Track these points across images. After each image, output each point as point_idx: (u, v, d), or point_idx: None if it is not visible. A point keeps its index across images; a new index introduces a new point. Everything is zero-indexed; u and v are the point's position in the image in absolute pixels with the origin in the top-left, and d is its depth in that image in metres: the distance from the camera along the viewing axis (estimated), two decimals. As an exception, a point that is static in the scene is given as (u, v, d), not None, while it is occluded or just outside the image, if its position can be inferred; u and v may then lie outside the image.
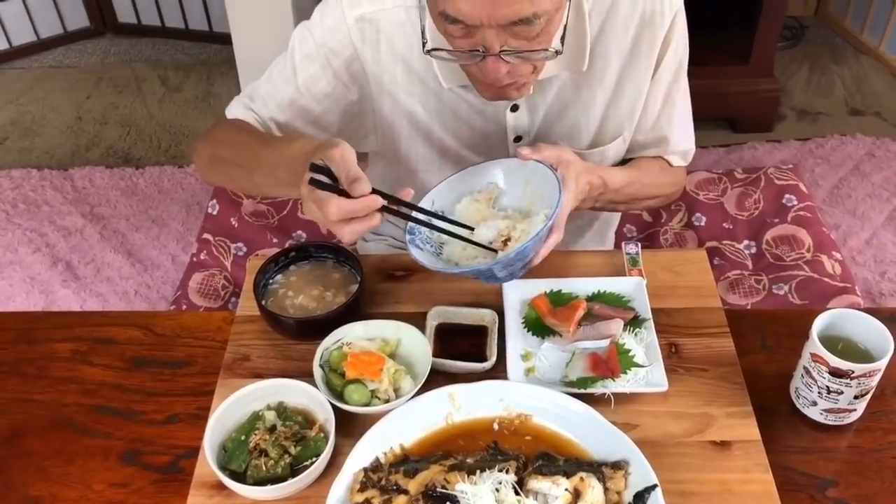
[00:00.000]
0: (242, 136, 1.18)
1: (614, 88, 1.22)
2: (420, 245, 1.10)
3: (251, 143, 1.15)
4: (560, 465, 0.94)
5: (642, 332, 1.12)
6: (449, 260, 1.11)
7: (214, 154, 1.22)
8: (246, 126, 1.20)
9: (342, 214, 0.92)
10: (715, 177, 2.28)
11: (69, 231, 2.40)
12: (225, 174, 1.23)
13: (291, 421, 1.00)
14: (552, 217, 1.03)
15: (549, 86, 1.19)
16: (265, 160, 1.09)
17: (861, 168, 2.53)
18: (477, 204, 1.14)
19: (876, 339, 1.02)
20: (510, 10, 0.93)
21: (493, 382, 1.04)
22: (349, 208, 0.92)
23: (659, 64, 1.22)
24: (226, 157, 1.19)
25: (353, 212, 0.92)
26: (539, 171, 1.10)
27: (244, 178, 1.16)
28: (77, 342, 1.21)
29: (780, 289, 1.90)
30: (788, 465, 1.02)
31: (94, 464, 1.05)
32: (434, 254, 1.11)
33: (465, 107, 1.21)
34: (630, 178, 1.26)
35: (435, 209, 1.13)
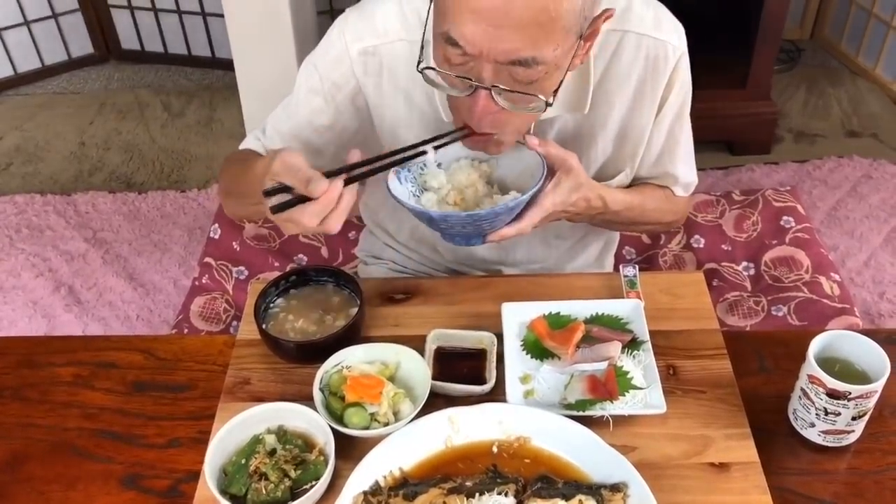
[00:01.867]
0: (235, 167, 1.22)
1: (617, 131, 1.23)
2: (401, 180, 1.13)
3: (240, 171, 1.18)
4: (559, 488, 0.94)
5: (640, 354, 1.13)
6: (422, 206, 1.12)
7: (223, 188, 1.29)
8: (243, 155, 1.23)
9: (317, 218, 0.94)
10: (713, 199, 2.29)
11: (72, 256, 2.42)
12: (236, 205, 1.28)
13: (291, 444, 1.01)
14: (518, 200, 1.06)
15: (549, 126, 1.21)
16: (245, 184, 1.11)
17: (858, 189, 2.55)
18: (471, 169, 1.16)
19: (873, 360, 1.03)
20: (511, 46, 0.93)
21: (492, 405, 1.05)
22: (320, 210, 0.94)
23: (662, 105, 1.23)
24: (229, 189, 1.25)
25: (324, 209, 0.94)
26: (534, 163, 1.12)
27: (245, 206, 1.21)
28: (79, 366, 1.22)
29: (779, 310, 1.90)
30: (787, 487, 1.02)
31: (94, 488, 1.06)
32: (412, 194, 1.14)
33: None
34: (632, 202, 1.27)
35: (434, 158, 1.14)
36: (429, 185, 1.16)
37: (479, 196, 1.16)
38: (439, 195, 1.15)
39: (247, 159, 1.20)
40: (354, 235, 2.18)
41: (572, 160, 1.13)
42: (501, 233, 1.10)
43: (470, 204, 1.15)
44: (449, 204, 1.15)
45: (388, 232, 1.50)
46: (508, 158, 1.18)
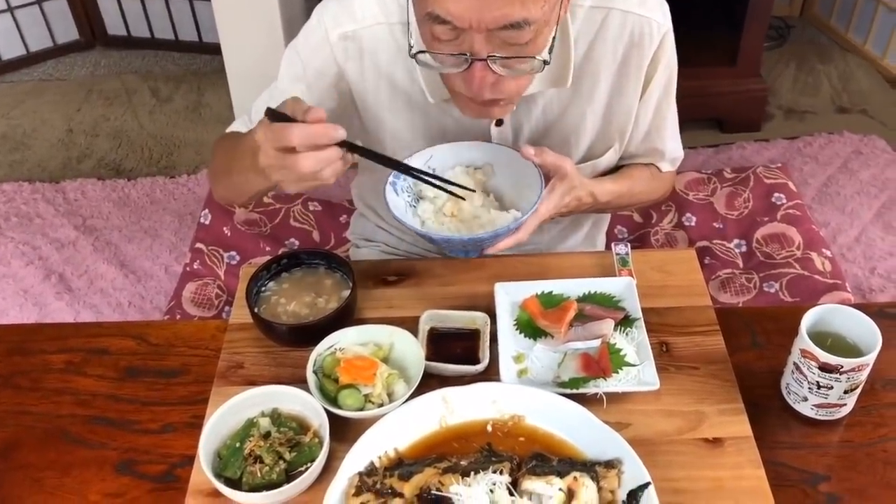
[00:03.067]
0: (226, 143, 1.20)
1: (604, 109, 1.24)
2: (398, 191, 1.15)
3: (230, 145, 1.16)
4: (553, 466, 0.94)
5: (633, 331, 1.13)
6: (419, 217, 1.15)
7: (213, 170, 1.27)
8: (230, 134, 1.23)
9: (303, 138, 0.92)
10: (704, 177, 2.30)
11: (62, 243, 2.40)
12: (221, 184, 1.25)
13: (286, 427, 1.01)
14: (519, 221, 1.10)
15: (533, 103, 1.21)
16: (235, 156, 1.09)
17: (849, 165, 2.55)
18: (467, 177, 1.18)
19: (864, 333, 1.03)
20: (500, 12, 0.94)
21: (485, 385, 1.05)
22: (309, 131, 0.93)
23: (648, 83, 1.23)
24: (218, 169, 1.22)
25: (313, 136, 0.93)
26: (532, 173, 1.14)
27: (228, 182, 1.17)
28: (71, 353, 1.21)
29: (771, 287, 1.91)
30: (780, 461, 1.03)
31: (89, 474, 1.05)
32: (409, 204, 1.16)
33: (449, 122, 1.22)
34: (620, 190, 1.29)
35: (429, 166, 1.17)
36: (424, 195, 1.17)
37: (475, 207, 1.17)
38: (435, 205, 1.17)
39: (233, 136, 1.20)
40: (346, 219, 2.18)
41: (567, 165, 1.15)
42: (499, 246, 1.13)
43: (466, 215, 1.16)
44: (446, 215, 1.16)
45: (378, 214, 1.49)
46: (504, 167, 1.20)
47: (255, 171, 1.01)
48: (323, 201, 2.26)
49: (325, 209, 2.24)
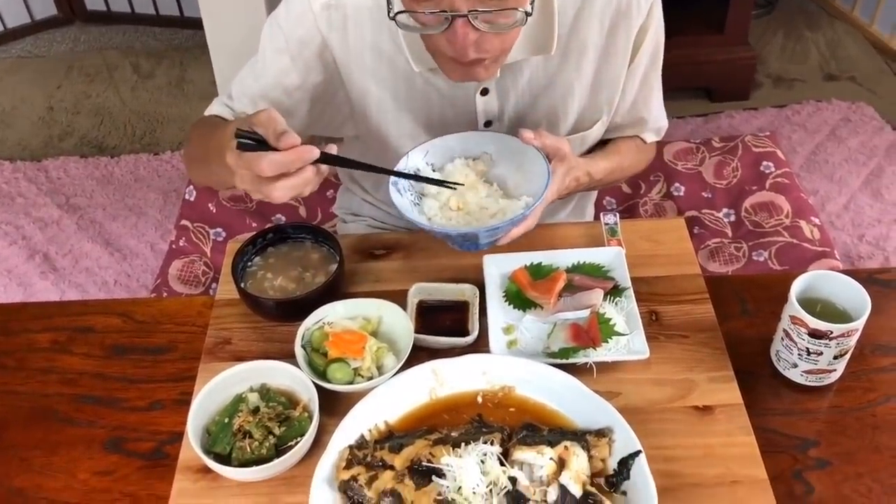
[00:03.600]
0: (202, 130, 1.18)
1: (592, 79, 1.22)
2: (401, 192, 1.13)
3: (206, 134, 1.14)
4: (544, 435, 0.94)
5: (622, 301, 1.12)
6: (424, 214, 1.13)
7: (189, 154, 1.23)
8: (211, 120, 1.20)
9: (275, 168, 0.90)
10: (693, 146, 2.28)
11: (45, 223, 2.37)
12: (198, 172, 1.23)
13: (275, 402, 1.00)
14: (531, 207, 1.08)
15: (518, 72, 1.19)
16: (210, 151, 1.07)
17: (837, 133, 2.55)
18: (467, 169, 1.17)
19: (853, 299, 1.03)
20: None
21: (475, 356, 1.04)
22: (281, 160, 0.90)
23: (636, 52, 1.22)
24: (194, 155, 1.20)
25: (285, 164, 0.91)
26: (534, 157, 1.13)
27: (207, 172, 1.15)
28: (56, 332, 1.20)
29: (760, 255, 1.90)
30: (770, 427, 1.03)
31: (77, 453, 1.05)
32: (413, 203, 1.14)
33: (434, 92, 1.20)
34: (612, 165, 1.29)
35: (427, 161, 1.17)
36: (427, 192, 1.15)
37: (481, 199, 1.15)
38: (439, 201, 1.15)
39: (215, 125, 1.16)
40: (332, 194, 2.16)
41: (565, 147, 1.14)
42: (510, 235, 1.11)
43: (472, 207, 1.14)
44: (452, 209, 1.14)
45: (364, 189, 1.48)
46: (503, 155, 1.18)
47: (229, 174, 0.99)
48: (309, 176, 2.24)
49: (312, 184, 2.21)
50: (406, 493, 0.89)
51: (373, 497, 0.90)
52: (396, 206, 1.09)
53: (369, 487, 0.90)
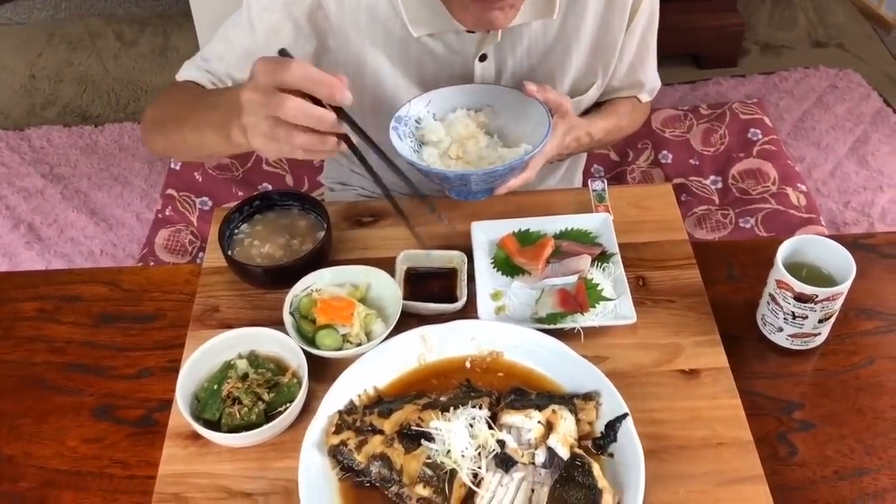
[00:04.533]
0: (181, 93, 1.13)
1: (591, 42, 1.22)
2: (401, 137, 1.14)
3: (189, 97, 1.09)
4: (532, 399, 0.95)
5: (610, 266, 1.13)
6: (424, 161, 1.14)
7: (154, 115, 1.15)
8: (190, 86, 1.16)
9: (305, 77, 0.81)
10: (680, 114, 2.28)
11: (29, 192, 2.35)
12: (163, 136, 1.13)
13: (264, 368, 1.00)
14: (531, 153, 1.07)
15: (518, 37, 1.18)
16: (197, 109, 1.01)
17: (824, 100, 2.55)
18: (468, 120, 1.17)
19: (839, 263, 1.04)
20: None
21: (464, 322, 1.05)
22: (318, 73, 0.81)
23: (634, 14, 1.21)
24: (162, 116, 1.12)
25: (320, 79, 0.82)
26: (536, 109, 1.13)
27: (176, 136, 1.06)
28: (42, 301, 1.19)
29: (747, 222, 1.91)
30: (756, 391, 1.04)
31: (66, 420, 1.05)
32: (412, 150, 1.15)
33: (430, 58, 1.18)
34: (610, 125, 1.29)
35: (428, 111, 1.17)
36: (427, 140, 1.16)
37: (481, 148, 1.16)
38: (440, 149, 1.15)
39: (199, 88, 1.13)
40: (319, 163, 2.14)
41: (567, 104, 1.14)
42: (509, 185, 1.11)
43: (472, 157, 1.15)
44: (451, 158, 1.15)
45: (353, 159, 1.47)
46: (505, 108, 1.18)
47: (219, 128, 0.92)
48: (296, 144, 2.23)
49: (299, 152, 2.20)
50: (395, 457, 0.90)
51: (362, 461, 0.90)
52: (397, 150, 1.09)
53: (359, 452, 0.91)
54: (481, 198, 1.14)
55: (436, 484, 0.87)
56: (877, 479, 0.96)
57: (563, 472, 0.88)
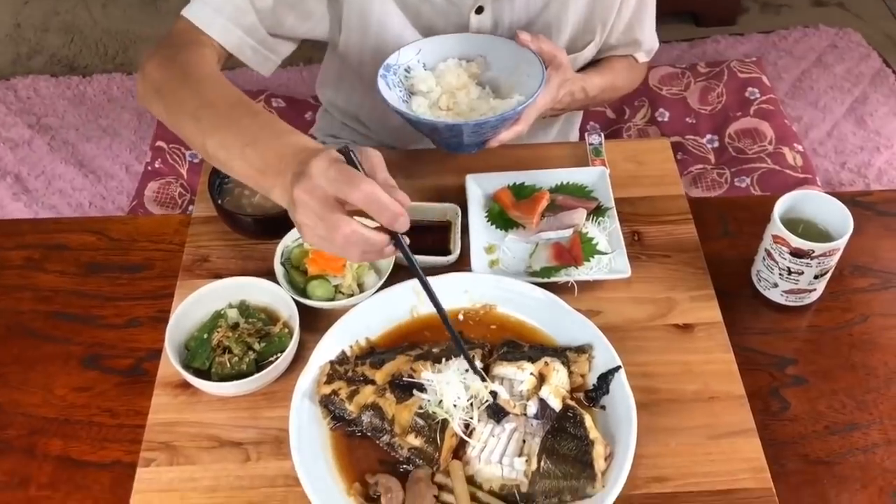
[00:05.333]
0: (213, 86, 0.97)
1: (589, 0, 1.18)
2: (390, 86, 1.10)
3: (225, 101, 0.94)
4: (525, 351, 0.94)
5: (605, 220, 1.12)
6: (413, 112, 1.11)
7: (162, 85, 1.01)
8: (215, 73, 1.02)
9: (368, 200, 0.75)
10: (678, 71, 2.25)
11: (16, 143, 2.31)
12: (171, 116, 1.01)
13: (254, 318, 0.99)
14: (524, 104, 1.05)
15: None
16: (234, 131, 0.89)
17: (824, 59, 2.52)
18: (460, 70, 1.15)
19: (836, 218, 1.03)
20: None
21: (457, 274, 1.04)
22: (378, 198, 0.75)
23: None
24: (173, 96, 0.99)
25: (377, 206, 0.76)
26: (530, 60, 1.10)
27: (194, 133, 0.95)
28: (29, 249, 1.18)
29: (742, 181, 1.90)
30: (749, 346, 1.04)
31: (54, 369, 1.04)
32: (402, 99, 1.12)
33: (429, 6, 1.16)
34: (606, 83, 1.26)
35: (419, 59, 1.14)
36: (417, 90, 1.13)
37: (472, 100, 1.13)
38: (430, 99, 1.12)
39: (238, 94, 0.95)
40: (311, 116, 2.11)
41: (561, 56, 1.11)
42: (500, 137, 1.08)
43: (463, 108, 1.12)
44: (441, 109, 1.12)
45: (346, 112, 1.44)
46: (498, 58, 1.15)
47: (259, 177, 0.84)
48: (287, 97, 2.19)
49: (290, 105, 2.16)
50: (387, 407, 0.89)
51: (354, 411, 0.90)
52: (386, 99, 1.06)
53: (350, 402, 0.90)
54: (472, 151, 1.12)
55: (427, 434, 0.87)
56: (867, 433, 0.96)
57: (555, 423, 0.88)
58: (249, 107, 0.93)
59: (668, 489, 0.87)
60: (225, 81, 1.00)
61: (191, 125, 0.95)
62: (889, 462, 0.94)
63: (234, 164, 0.88)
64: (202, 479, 0.89)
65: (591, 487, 0.84)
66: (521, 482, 0.85)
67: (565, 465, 0.85)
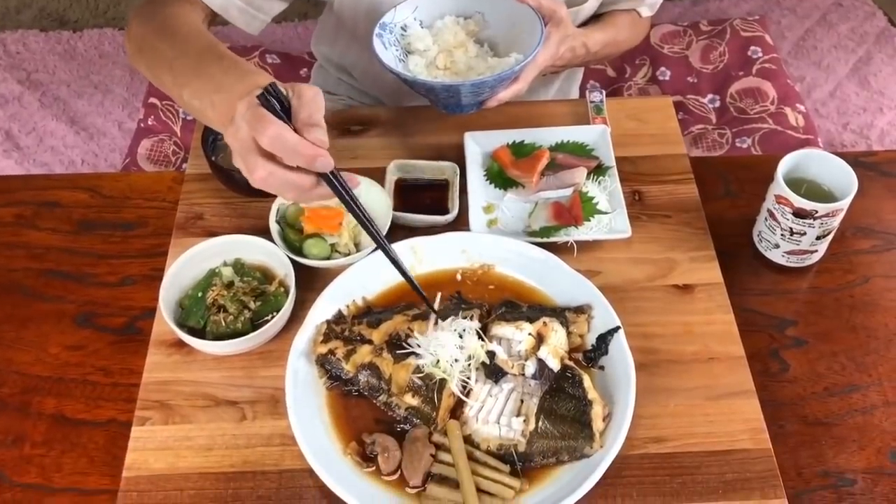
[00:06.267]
0: (186, 36, 0.97)
1: None
2: (386, 45, 1.08)
3: (195, 49, 0.94)
4: (523, 311, 0.93)
5: (606, 180, 1.10)
6: (410, 72, 1.09)
7: (152, 46, 1.01)
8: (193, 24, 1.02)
9: (277, 148, 0.74)
10: (680, 29, 2.21)
11: (6, 99, 2.27)
12: (152, 71, 1.00)
13: (250, 277, 0.98)
14: (522, 63, 1.02)
15: None
16: (204, 76, 0.89)
17: (828, 18, 2.47)
18: (457, 27, 1.12)
19: (840, 179, 1.02)
20: None
21: (455, 234, 1.03)
22: (291, 145, 0.74)
23: None
24: (159, 54, 0.98)
25: (288, 150, 0.75)
26: (528, 17, 1.07)
27: (172, 86, 0.95)
28: (20, 206, 1.16)
29: (744, 142, 1.88)
30: (749, 307, 1.03)
31: (47, 327, 1.03)
32: (398, 59, 1.10)
33: None
34: (608, 38, 1.23)
35: (416, 17, 1.11)
36: (414, 48, 1.10)
37: (470, 58, 1.10)
38: (426, 58, 1.09)
39: (206, 39, 0.96)
40: (306, 72, 2.08)
41: (562, 11, 1.08)
42: (499, 97, 1.06)
43: (460, 67, 1.09)
44: (439, 68, 1.10)
45: (342, 67, 1.42)
46: (496, 15, 1.12)
47: (220, 123, 0.83)
48: (282, 54, 2.15)
49: (285, 62, 2.13)
50: (384, 367, 0.88)
51: (350, 370, 0.89)
52: (381, 59, 1.04)
53: (347, 361, 0.89)
54: (470, 111, 1.09)
55: (425, 394, 0.86)
56: (866, 395, 0.96)
57: (553, 383, 0.87)
58: (215, 50, 0.92)
59: (667, 449, 0.87)
60: (198, 30, 1.00)
61: (169, 78, 0.95)
62: (887, 423, 0.93)
63: (207, 113, 0.87)
64: (197, 438, 0.89)
65: (589, 447, 0.84)
66: (518, 442, 0.85)
67: (563, 425, 0.85)
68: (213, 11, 1.10)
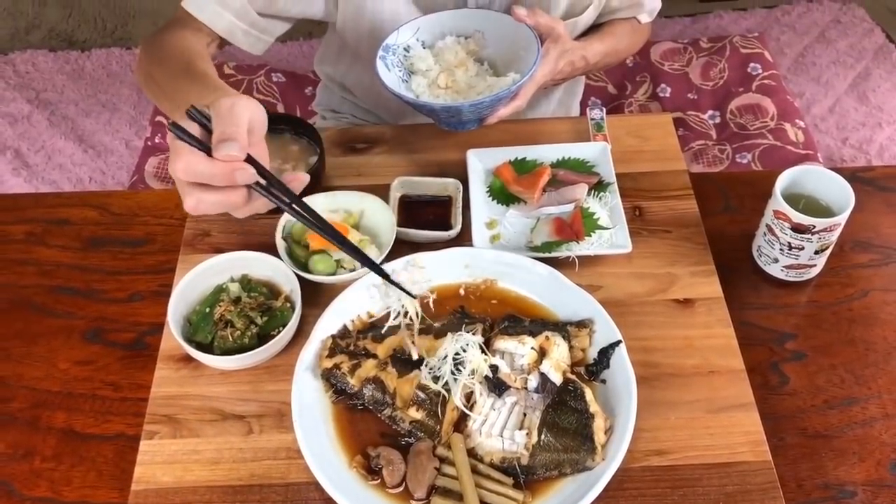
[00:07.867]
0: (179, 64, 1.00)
1: None
2: (389, 67, 1.10)
3: (184, 74, 0.97)
4: (526, 326, 0.95)
5: (606, 196, 1.11)
6: (412, 91, 1.11)
7: (151, 74, 1.05)
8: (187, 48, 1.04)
9: (190, 176, 0.72)
10: (680, 47, 2.23)
11: (15, 118, 2.30)
12: (156, 100, 1.06)
13: (256, 292, 0.99)
14: (518, 83, 1.04)
15: None
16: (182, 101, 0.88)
17: (827, 35, 2.50)
18: (458, 47, 1.15)
19: (837, 194, 1.03)
20: None
21: (458, 249, 1.04)
22: (200, 170, 0.72)
23: None
24: (158, 83, 1.02)
25: (205, 176, 0.72)
26: (526, 35, 1.10)
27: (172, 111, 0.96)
28: (31, 224, 1.18)
29: (744, 157, 1.89)
30: (749, 321, 1.04)
31: (57, 343, 1.04)
32: (401, 80, 1.12)
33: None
34: (607, 48, 1.25)
35: (418, 38, 1.14)
36: (416, 69, 1.13)
37: (470, 77, 1.13)
38: (429, 78, 1.12)
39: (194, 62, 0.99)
40: (311, 91, 2.10)
41: (559, 27, 1.10)
42: (499, 114, 1.08)
43: (461, 86, 1.12)
44: (441, 87, 1.12)
45: (345, 87, 1.44)
46: (495, 34, 1.14)
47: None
48: (287, 73, 2.18)
49: (290, 81, 2.15)
50: (389, 381, 0.90)
51: (356, 385, 0.90)
52: (384, 81, 1.06)
53: (352, 375, 0.91)
54: (472, 128, 1.12)
55: (429, 407, 0.88)
56: (865, 408, 0.97)
57: (556, 396, 0.88)
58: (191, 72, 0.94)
59: (668, 462, 0.88)
60: (189, 51, 1.03)
61: (168, 105, 0.98)
62: (887, 436, 0.94)
63: None
64: (205, 452, 0.90)
65: (591, 460, 0.85)
66: (521, 455, 0.86)
67: (566, 438, 0.86)
68: (219, 36, 1.12)
